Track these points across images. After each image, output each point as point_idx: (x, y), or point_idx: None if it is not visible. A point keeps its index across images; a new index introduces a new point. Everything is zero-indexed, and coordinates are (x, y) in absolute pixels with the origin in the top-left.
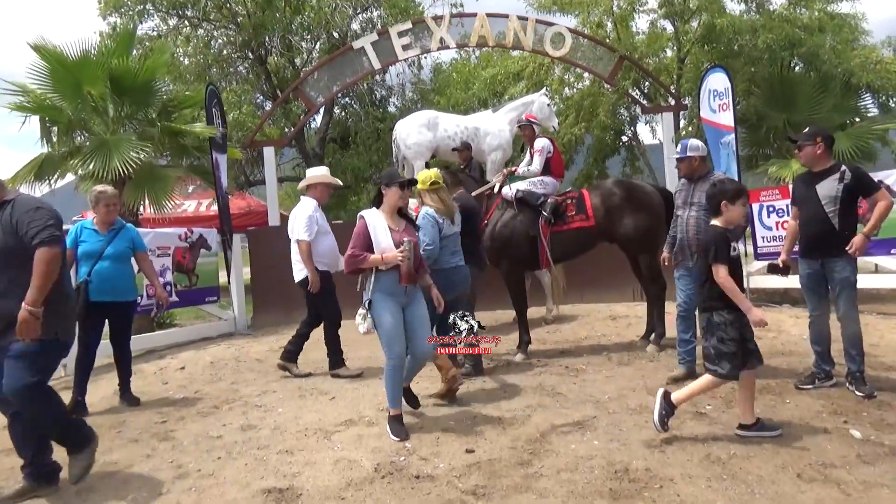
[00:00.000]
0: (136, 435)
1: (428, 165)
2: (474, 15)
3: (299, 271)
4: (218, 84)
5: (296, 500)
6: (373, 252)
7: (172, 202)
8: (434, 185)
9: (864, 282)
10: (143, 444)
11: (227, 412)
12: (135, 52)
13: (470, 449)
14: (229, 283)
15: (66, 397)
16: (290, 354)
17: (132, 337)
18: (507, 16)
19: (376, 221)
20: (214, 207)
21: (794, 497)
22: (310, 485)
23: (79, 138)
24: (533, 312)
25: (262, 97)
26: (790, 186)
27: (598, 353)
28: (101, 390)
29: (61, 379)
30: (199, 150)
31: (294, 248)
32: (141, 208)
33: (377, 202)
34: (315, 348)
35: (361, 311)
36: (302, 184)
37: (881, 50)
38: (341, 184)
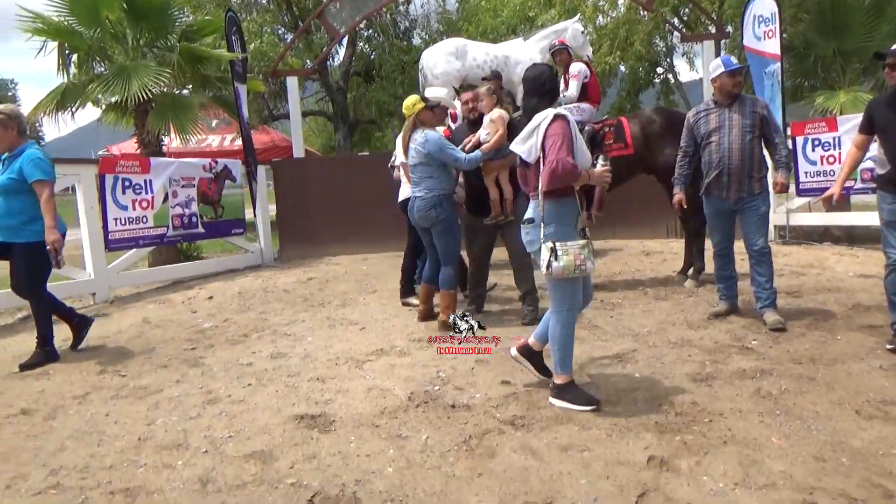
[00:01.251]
0: (165, 361)
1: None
2: None
3: (401, 193)
4: (238, 14)
5: (329, 427)
6: None
7: (197, 133)
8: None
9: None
10: (173, 370)
11: (257, 340)
12: None
13: (506, 380)
14: (255, 215)
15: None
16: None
17: (160, 267)
18: None
19: (575, 128)
20: (239, 142)
21: (854, 434)
22: (343, 412)
23: (99, 68)
24: None
25: (283, 28)
26: (837, 118)
27: (634, 288)
28: (130, 318)
29: (91, 307)
30: (222, 81)
31: (400, 173)
32: (165, 139)
33: (547, 102)
34: (343, 280)
35: (582, 241)
36: None
37: None
38: (457, 109)
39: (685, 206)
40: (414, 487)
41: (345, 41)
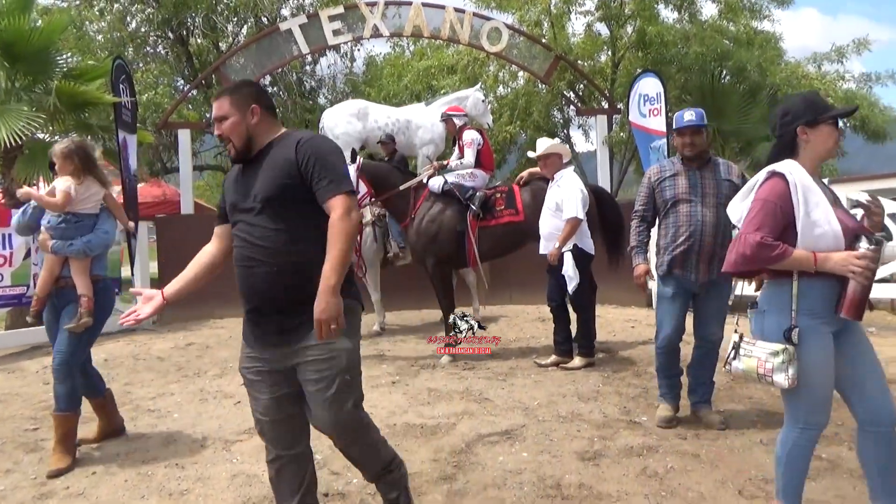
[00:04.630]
0: None
1: (356, 155)
2: (409, 3)
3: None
4: (133, 63)
5: None
6: (792, 240)
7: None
8: None
9: None
10: (5, 456)
11: None
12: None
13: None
14: (132, 274)
15: None
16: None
17: (17, 330)
18: (443, 7)
19: (807, 184)
20: None
21: None
22: None
23: None
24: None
25: (182, 81)
26: None
27: (527, 356)
28: None
29: None
30: (106, 130)
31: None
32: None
33: (787, 149)
34: (225, 346)
35: (776, 346)
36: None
37: (806, 66)
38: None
39: (644, 282)
40: None
41: None
